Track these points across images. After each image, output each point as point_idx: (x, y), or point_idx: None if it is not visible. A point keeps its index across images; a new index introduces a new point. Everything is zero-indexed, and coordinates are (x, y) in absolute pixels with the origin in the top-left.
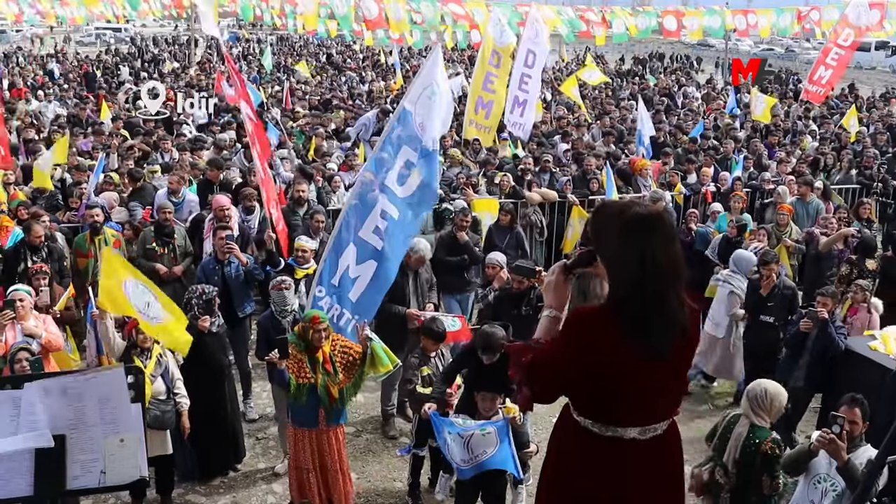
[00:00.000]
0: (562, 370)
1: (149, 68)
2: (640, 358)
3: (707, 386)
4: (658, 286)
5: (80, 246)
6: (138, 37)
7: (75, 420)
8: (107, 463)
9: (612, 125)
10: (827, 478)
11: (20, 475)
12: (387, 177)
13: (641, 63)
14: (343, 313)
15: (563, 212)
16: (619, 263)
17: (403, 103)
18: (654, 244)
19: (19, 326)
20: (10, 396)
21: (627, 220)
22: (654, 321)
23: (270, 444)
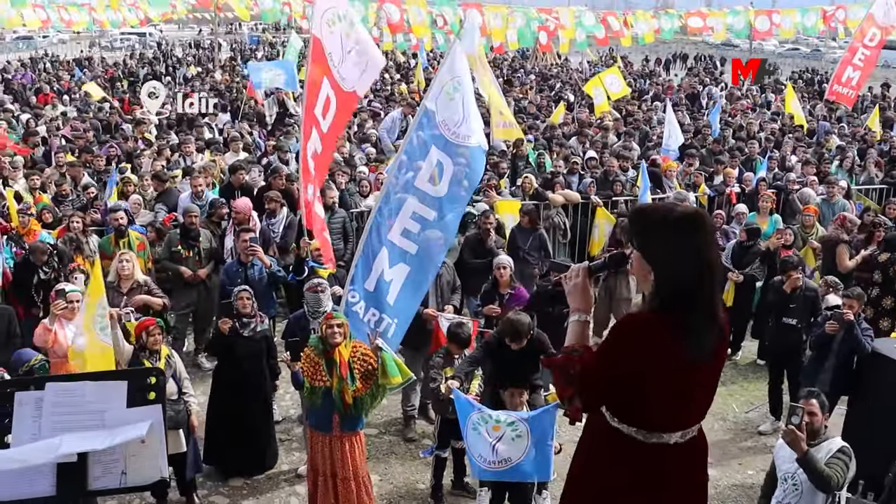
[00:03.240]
0: (614, 379)
1: (172, 72)
2: (687, 361)
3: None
4: (710, 284)
5: (104, 248)
6: (163, 41)
7: (97, 421)
8: (128, 463)
9: (636, 126)
10: (789, 477)
11: (43, 475)
12: (416, 178)
13: (665, 64)
14: (382, 318)
15: (587, 213)
16: (673, 262)
17: (425, 103)
18: (706, 241)
19: (70, 325)
20: (34, 397)
21: (679, 218)
22: (702, 321)
23: (294, 445)
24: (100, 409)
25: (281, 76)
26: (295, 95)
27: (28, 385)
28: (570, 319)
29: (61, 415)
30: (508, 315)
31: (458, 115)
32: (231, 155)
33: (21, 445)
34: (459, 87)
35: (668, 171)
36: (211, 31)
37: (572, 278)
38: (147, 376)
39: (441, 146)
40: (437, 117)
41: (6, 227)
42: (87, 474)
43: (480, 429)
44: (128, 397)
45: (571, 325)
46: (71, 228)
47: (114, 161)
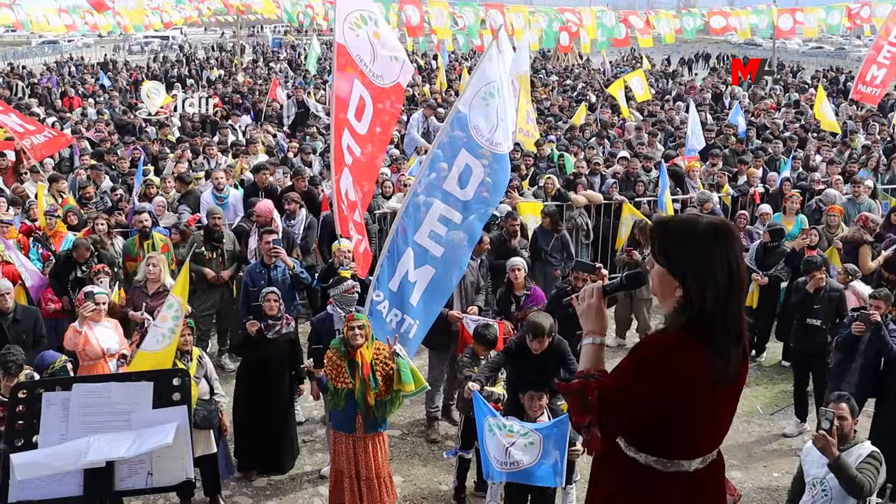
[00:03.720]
0: (638, 405)
1: (196, 75)
2: (715, 383)
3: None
4: (738, 300)
5: (129, 250)
6: (186, 44)
7: (123, 422)
8: (154, 464)
9: (661, 127)
10: (818, 482)
11: (70, 475)
12: (443, 180)
13: (687, 64)
14: (404, 319)
15: (609, 214)
16: (706, 277)
17: (458, 106)
18: (736, 253)
19: (98, 327)
20: (61, 398)
21: (710, 230)
22: (731, 341)
23: (317, 446)
24: (126, 410)
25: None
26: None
27: (55, 386)
28: (584, 342)
29: (88, 415)
30: (530, 314)
31: (492, 120)
32: (252, 157)
33: (49, 445)
34: (496, 93)
35: (692, 171)
36: (233, 34)
37: (585, 299)
38: (172, 377)
39: (471, 150)
40: (469, 122)
41: (33, 228)
42: (114, 475)
43: (495, 431)
44: (153, 398)
45: (585, 349)
46: (96, 230)
47: (139, 162)
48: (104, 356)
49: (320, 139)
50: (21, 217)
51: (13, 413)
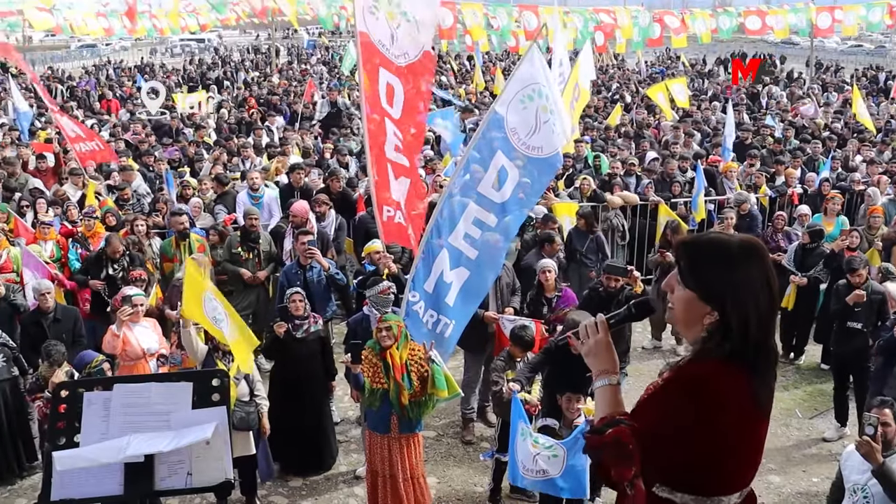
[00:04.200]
0: (685, 445)
1: (231, 77)
2: (758, 412)
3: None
4: (773, 322)
5: (165, 251)
6: (221, 47)
7: (163, 422)
8: (193, 464)
9: (696, 127)
10: (859, 489)
11: (111, 475)
12: (479, 182)
13: (723, 63)
14: (440, 319)
15: (645, 215)
16: (747, 299)
17: (494, 107)
18: (772, 268)
19: (137, 328)
20: (102, 397)
21: (746, 248)
22: (769, 365)
23: (352, 447)
24: (166, 411)
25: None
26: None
27: (96, 385)
28: (596, 385)
29: (128, 415)
30: (570, 313)
31: (530, 123)
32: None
33: (90, 445)
34: (536, 96)
35: (729, 171)
36: (268, 37)
37: (590, 335)
38: (211, 378)
39: (507, 152)
40: (506, 124)
41: (73, 231)
42: (154, 475)
43: (526, 437)
44: (193, 399)
45: (600, 393)
46: (134, 231)
47: (175, 163)
48: (144, 356)
49: (354, 140)
50: (60, 219)
51: (55, 413)
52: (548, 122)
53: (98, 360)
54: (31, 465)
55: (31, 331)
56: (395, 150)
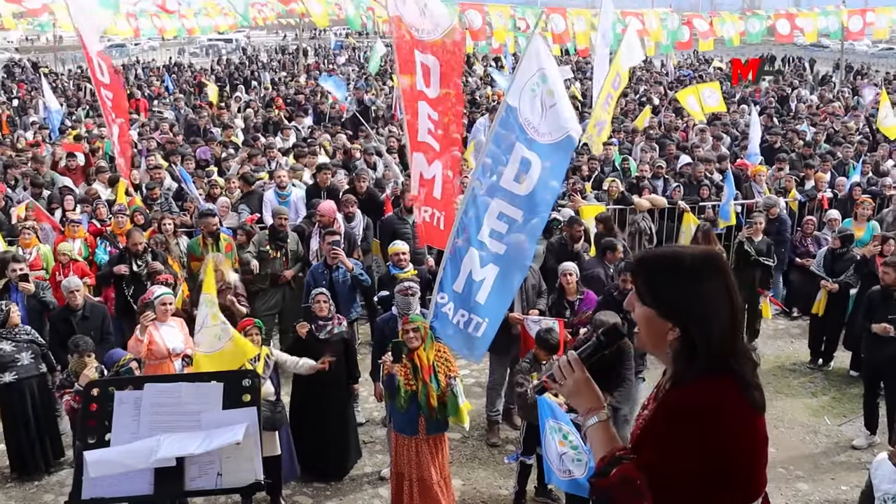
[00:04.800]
0: (697, 471)
1: (258, 77)
2: (755, 415)
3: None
4: (742, 323)
5: (193, 250)
6: (249, 47)
7: (193, 422)
8: (223, 465)
9: (725, 130)
10: (889, 498)
11: (141, 475)
12: (501, 178)
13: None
14: (472, 318)
15: (673, 218)
16: (708, 309)
17: (506, 100)
18: (731, 277)
19: (163, 327)
20: (133, 396)
21: (701, 260)
22: (749, 366)
23: (377, 448)
24: (196, 410)
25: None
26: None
27: (127, 384)
28: (587, 425)
29: (159, 414)
30: (597, 314)
31: (539, 112)
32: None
33: (121, 443)
34: (541, 81)
35: (758, 175)
36: (296, 37)
37: (566, 374)
38: (242, 378)
39: (526, 144)
40: (520, 114)
41: (102, 230)
42: (185, 475)
43: (553, 435)
44: (223, 399)
45: (592, 432)
46: (162, 230)
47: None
48: (170, 356)
49: (379, 139)
50: (89, 217)
51: (87, 411)
52: (554, 105)
53: (126, 359)
54: (58, 462)
55: (60, 328)
56: (427, 134)
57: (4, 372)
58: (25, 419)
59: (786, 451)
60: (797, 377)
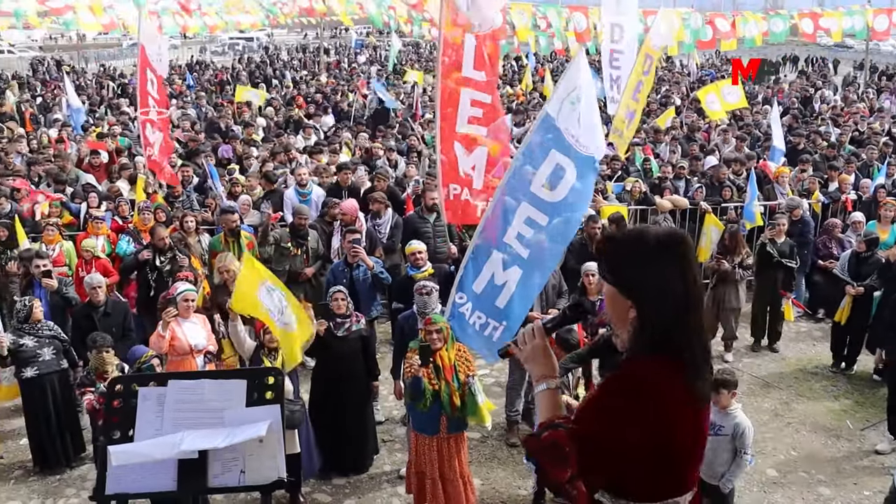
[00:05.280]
0: (625, 446)
1: (279, 75)
2: (697, 405)
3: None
4: (700, 313)
5: (214, 247)
6: (270, 45)
7: (216, 419)
8: (247, 462)
9: (748, 131)
10: None
11: (165, 471)
12: (531, 183)
13: (774, 67)
14: (488, 322)
15: (695, 219)
16: (662, 293)
17: (546, 108)
18: (692, 264)
19: (186, 323)
20: (156, 393)
21: (662, 240)
22: (701, 357)
23: (396, 446)
24: (219, 408)
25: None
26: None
27: (150, 381)
28: (537, 390)
29: (182, 411)
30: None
31: (574, 123)
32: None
33: (144, 439)
34: (580, 98)
35: (781, 176)
36: (317, 36)
37: (527, 341)
38: (266, 376)
39: (562, 150)
40: (558, 122)
41: (125, 227)
42: (208, 472)
43: None
44: (247, 396)
45: (541, 397)
46: (184, 227)
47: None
48: (192, 352)
49: (398, 138)
50: (112, 214)
51: (110, 407)
52: (589, 123)
53: (148, 356)
54: (80, 457)
55: (82, 324)
56: (468, 123)
57: (26, 367)
58: (46, 414)
59: (807, 455)
60: (819, 380)
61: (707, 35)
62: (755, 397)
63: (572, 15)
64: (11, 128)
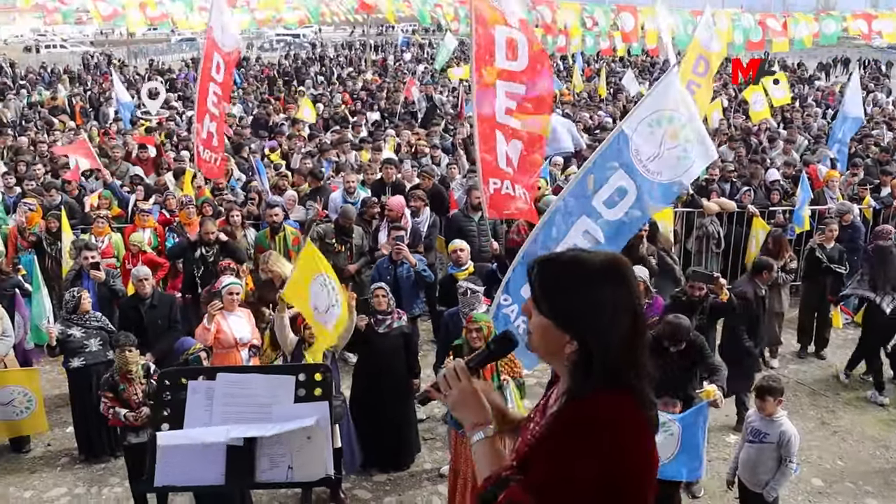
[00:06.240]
0: (589, 493)
1: (326, 72)
2: (652, 437)
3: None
4: (644, 342)
5: (260, 242)
6: (317, 42)
7: (264, 414)
8: (294, 458)
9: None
10: None
11: (213, 464)
12: (593, 198)
13: (825, 68)
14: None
15: (742, 223)
16: (606, 325)
17: (622, 126)
18: (636, 287)
19: (231, 317)
20: (205, 386)
21: (604, 267)
22: (649, 387)
23: (437, 444)
24: (267, 403)
25: None
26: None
27: (200, 375)
28: (472, 441)
29: (230, 405)
30: (667, 317)
31: (653, 149)
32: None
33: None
34: (665, 122)
35: (831, 181)
36: (363, 33)
37: (452, 385)
38: (314, 372)
39: (629, 172)
40: (631, 143)
41: (171, 220)
42: (255, 467)
43: None
44: (295, 392)
45: (478, 449)
46: (230, 221)
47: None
48: (237, 345)
49: (446, 136)
50: (160, 207)
51: (160, 400)
52: (673, 149)
53: (196, 348)
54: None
55: (129, 315)
56: (505, 114)
57: (73, 357)
58: (92, 404)
59: (854, 465)
60: (867, 389)
61: (757, 36)
62: (801, 405)
63: (620, 15)
64: (63, 121)
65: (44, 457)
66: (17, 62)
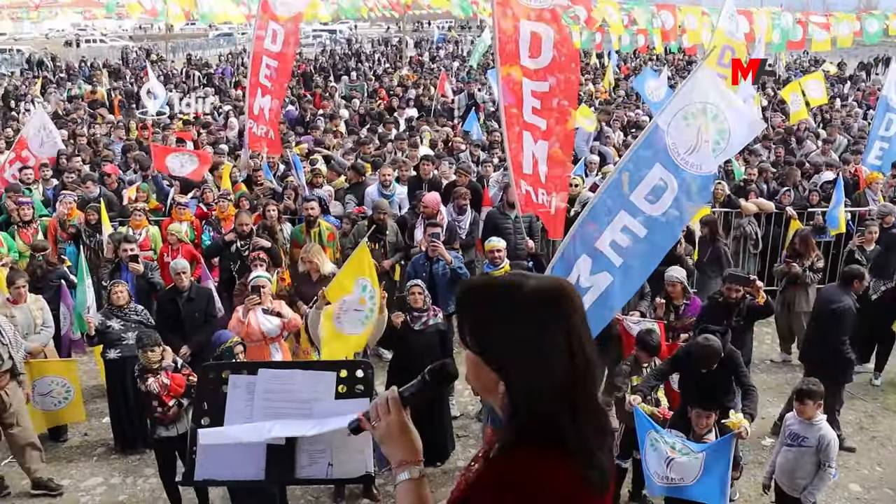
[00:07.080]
0: None
1: (362, 68)
2: (593, 497)
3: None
4: (592, 384)
5: (296, 237)
6: (353, 38)
7: (305, 411)
8: (334, 455)
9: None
10: None
11: (253, 459)
12: (632, 193)
13: (866, 68)
14: None
15: (780, 224)
16: (534, 364)
17: (657, 120)
18: (579, 323)
19: (260, 311)
20: (246, 381)
21: (545, 297)
22: (594, 438)
23: (471, 442)
24: (308, 399)
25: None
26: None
27: (242, 369)
28: (398, 481)
29: (271, 401)
30: (698, 340)
31: (691, 141)
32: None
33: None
34: (700, 114)
35: (873, 182)
36: (399, 29)
37: (381, 417)
38: (356, 369)
39: (667, 166)
40: (668, 137)
41: (208, 214)
42: (295, 463)
43: (657, 445)
44: (336, 389)
45: (402, 490)
46: (266, 216)
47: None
48: (265, 339)
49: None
50: (198, 201)
51: (201, 394)
52: (709, 141)
53: (233, 341)
54: None
55: (167, 308)
56: (532, 113)
57: (111, 348)
58: (126, 396)
59: (893, 471)
60: None
61: (797, 35)
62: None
63: (660, 13)
64: (102, 114)
65: (81, 446)
66: (58, 56)
